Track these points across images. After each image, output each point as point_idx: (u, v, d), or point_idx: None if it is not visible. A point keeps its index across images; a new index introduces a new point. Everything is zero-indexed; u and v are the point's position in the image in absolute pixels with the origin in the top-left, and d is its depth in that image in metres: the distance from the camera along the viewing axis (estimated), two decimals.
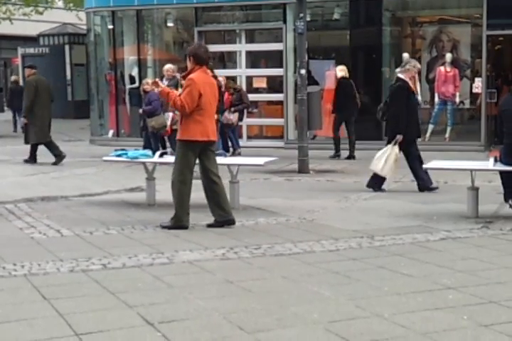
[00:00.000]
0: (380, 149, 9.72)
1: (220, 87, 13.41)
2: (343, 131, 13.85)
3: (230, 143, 14.10)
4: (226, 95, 13.93)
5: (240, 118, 14.32)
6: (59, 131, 21.57)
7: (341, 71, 13.83)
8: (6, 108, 24.12)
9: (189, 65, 7.20)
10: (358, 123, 15.35)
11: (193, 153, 7.13)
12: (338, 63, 16.05)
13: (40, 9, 28.11)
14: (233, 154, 13.32)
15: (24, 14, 27.39)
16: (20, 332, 4.15)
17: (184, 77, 7.34)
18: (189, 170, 7.16)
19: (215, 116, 7.69)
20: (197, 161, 7.28)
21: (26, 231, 7.04)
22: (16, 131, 20.28)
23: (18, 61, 28.63)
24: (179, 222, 7.14)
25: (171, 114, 13.19)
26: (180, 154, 7.20)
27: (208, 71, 7.39)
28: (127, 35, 18.06)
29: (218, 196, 7.27)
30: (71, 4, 28.68)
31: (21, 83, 21.08)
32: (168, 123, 13.19)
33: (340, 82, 13.76)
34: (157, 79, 8.18)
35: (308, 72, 13.07)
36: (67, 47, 26.75)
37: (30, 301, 4.74)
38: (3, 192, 9.38)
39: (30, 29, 29.49)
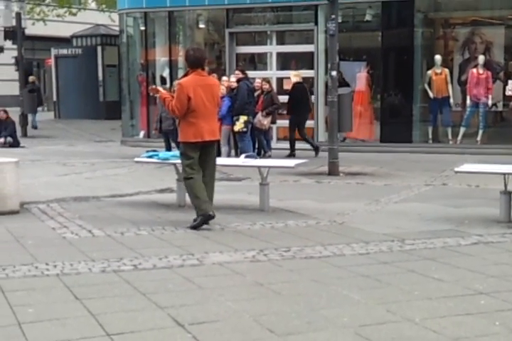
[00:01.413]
0: (409, 152, 9.64)
1: (252, 90, 13.47)
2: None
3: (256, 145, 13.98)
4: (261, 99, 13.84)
5: (273, 121, 14.20)
6: (90, 131, 21.84)
7: (295, 76, 14.66)
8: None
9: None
10: (388, 125, 15.33)
11: (193, 153, 7.31)
12: (369, 65, 16.06)
13: (74, 10, 28.45)
14: (263, 157, 13.30)
15: (58, 15, 27.75)
16: (53, 331, 4.19)
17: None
18: (191, 168, 7.31)
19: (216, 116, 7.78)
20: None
21: (58, 231, 7.12)
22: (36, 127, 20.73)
23: (51, 62, 28.94)
24: (202, 211, 7.18)
25: None
26: (180, 154, 7.52)
27: (204, 73, 7.46)
28: (159, 37, 18.17)
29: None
30: (104, 5, 28.97)
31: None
32: None
33: (295, 86, 14.44)
34: (154, 86, 8.25)
35: (340, 73, 13.04)
36: (99, 48, 26.98)
37: (63, 301, 4.79)
38: (36, 192, 9.49)
39: (64, 30, 29.82)
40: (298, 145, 15.83)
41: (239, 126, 12.95)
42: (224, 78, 13.95)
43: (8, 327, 4.27)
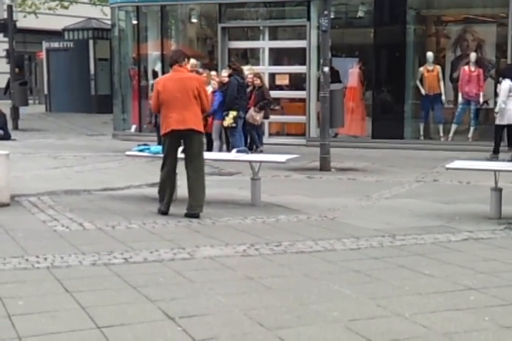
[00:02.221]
0: (400, 148, 9.66)
1: (244, 85, 13.42)
2: None
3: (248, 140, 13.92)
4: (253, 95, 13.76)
5: (266, 116, 14.11)
6: (82, 125, 21.77)
7: (226, 72, 14.29)
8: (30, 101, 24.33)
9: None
10: (380, 121, 15.36)
11: (168, 145, 7.65)
12: (361, 61, 16.07)
13: (66, 3, 28.27)
14: (255, 152, 13.28)
15: (49, 8, 27.59)
16: (43, 324, 4.19)
17: None
18: (167, 159, 7.72)
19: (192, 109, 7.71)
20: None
21: (49, 224, 7.10)
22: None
23: (43, 55, 28.81)
24: (161, 207, 7.66)
25: None
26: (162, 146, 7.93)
27: (180, 69, 7.70)
28: (151, 31, 18.11)
29: (189, 188, 7.63)
30: None
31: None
32: None
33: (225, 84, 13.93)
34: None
35: (332, 69, 13.03)
36: (91, 41, 26.86)
37: (53, 293, 4.79)
38: (26, 185, 9.45)
39: (55, 23, 29.68)
40: (287, 140, 15.91)
41: (228, 121, 12.93)
42: (212, 73, 13.90)
43: None
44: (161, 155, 8.54)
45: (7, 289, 4.86)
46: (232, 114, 12.93)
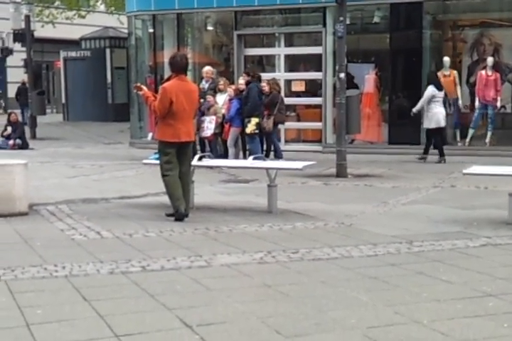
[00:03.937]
0: (417, 154, 9.64)
1: (261, 92, 13.36)
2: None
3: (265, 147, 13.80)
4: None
5: (281, 122, 13.87)
6: (99, 133, 21.90)
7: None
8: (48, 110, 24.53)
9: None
10: (396, 127, 15.32)
11: (169, 151, 7.80)
12: (377, 67, 16.04)
13: (83, 13, 28.52)
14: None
15: (67, 18, 27.84)
16: (61, 332, 4.20)
17: (162, 84, 8.07)
18: (168, 164, 7.81)
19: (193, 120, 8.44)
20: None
21: (67, 233, 7.14)
22: (26, 123, 20.89)
23: (60, 64, 29.02)
24: (174, 209, 7.72)
25: (214, 118, 13.22)
26: (159, 151, 7.99)
27: (185, 78, 8.04)
28: (167, 39, 18.20)
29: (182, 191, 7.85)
30: (113, 8, 29.04)
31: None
32: (212, 127, 13.20)
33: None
34: (139, 84, 8.97)
35: (348, 75, 13.02)
36: (108, 50, 27.04)
37: (71, 302, 4.81)
38: (44, 194, 9.52)
39: (73, 33, 29.94)
40: (304, 146, 15.89)
41: (250, 128, 12.92)
42: (231, 86, 13.85)
43: (16, 328, 4.28)
44: None
45: (26, 298, 4.89)
46: (255, 120, 12.92)
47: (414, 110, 13.55)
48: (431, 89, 13.35)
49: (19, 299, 4.85)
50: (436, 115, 13.29)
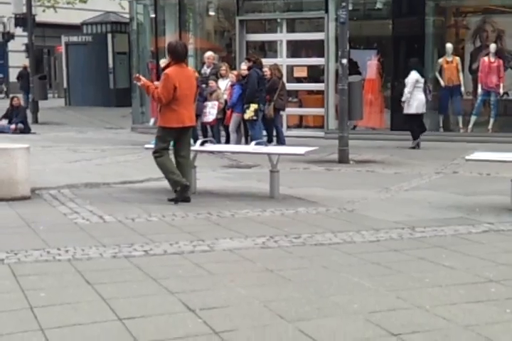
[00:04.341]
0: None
1: (263, 77, 13.33)
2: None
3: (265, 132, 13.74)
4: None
5: (281, 108, 13.89)
6: (101, 118, 21.88)
7: (164, 63, 14.66)
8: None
9: (168, 59, 8.09)
10: (398, 113, 15.28)
11: (170, 137, 8.00)
12: (380, 53, 15.99)
13: None
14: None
15: (68, 2, 27.70)
16: (65, 315, 4.22)
17: (163, 70, 8.20)
18: (165, 150, 8.00)
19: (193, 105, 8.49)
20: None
21: (70, 217, 7.15)
22: (27, 107, 20.66)
23: (62, 49, 28.94)
24: (178, 185, 7.81)
25: (216, 103, 13.19)
26: (157, 137, 8.07)
27: (184, 65, 8.16)
28: (169, 24, 18.13)
29: (182, 173, 7.97)
30: None
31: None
32: (215, 112, 13.16)
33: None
34: (138, 75, 8.99)
35: (350, 61, 12.98)
36: (109, 35, 26.95)
37: (74, 285, 4.82)
38: (47, 179, 9.52)
39: (74, 17, 29.81)
40: (306, 132, 15.88)
41: (249, 114, 12.91)
42: (233, 72, 13.82)
43: (20, 310, 4.30)
44: None
45: (29, 281, 4.91)
46: (253, 106, 12.89)
47: (403, 99, 13.51)
48: (415, 75, 13.39)
49: (22, 282, 4.87)
50: (417, 101, 13.37)
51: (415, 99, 13.36)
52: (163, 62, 15.00)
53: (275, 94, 13.41)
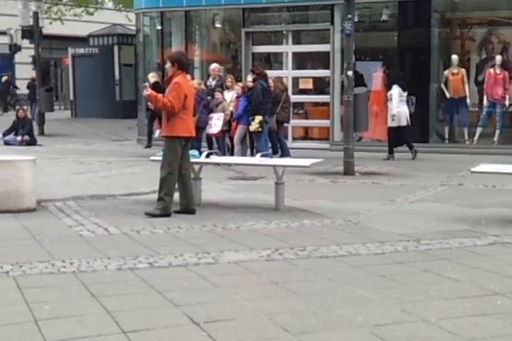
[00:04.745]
0: (425, 152, 9.64)
1: (268, 89, 13.36)
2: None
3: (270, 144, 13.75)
4: None
5: (282, 121, 13.87)
6: (107, 130, 21.93)
7: (153, 77, 15.51)
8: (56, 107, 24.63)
9: (170, 70, 8.00)
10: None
11: (180, 147, 7.90)
12: (385, 65, 16.01)
13: (91, 10, 28.58)
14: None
15: (75, 15, 27.89)
16: (69, 328, 4.21)
17: (167, 81, 8.09)
18: (175, 163, 7.88)
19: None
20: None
21: (75, 229, 7.16)
22: (34, 118, 20.73)
23: (69, 61, 29.07)
24: (167, 211, 7.80)
25: (222, 115, 13.21)
26: (168, 149, 7.91)
27: (188, 76, 8.37)
28: (175, 36, 18.22)
29: (184, 187, 8.02)
30: (121, 5, 29.07)
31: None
32: (220, 123, 13.17)
33: (154, 86, 13.78)
34: (145, 84, 8.88)
35: (356, 73, 13.00)
36: (116, 47, 27.05)
37: (79, 298, 4.82)
38: (52, 190, 9.53)
39: (81, 29, 29.94)
40: (311, 144, 15.87)
41: (254, 126, 12.92)
42: (239, 84, 13.85)
43: (24, 323, 4.30)
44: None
45: (34, 293, 4.90)
46: (258, 118, 12.91)
47: (394, 113, 13.63)
48: (397, 89, 13.66)
49: (27, 294, 4.87)
50: (399, 114, 13.52)
51: (396, 112, 13.61)
52: (152, 77, 15.33)
53: (278, 106, 13.47)
